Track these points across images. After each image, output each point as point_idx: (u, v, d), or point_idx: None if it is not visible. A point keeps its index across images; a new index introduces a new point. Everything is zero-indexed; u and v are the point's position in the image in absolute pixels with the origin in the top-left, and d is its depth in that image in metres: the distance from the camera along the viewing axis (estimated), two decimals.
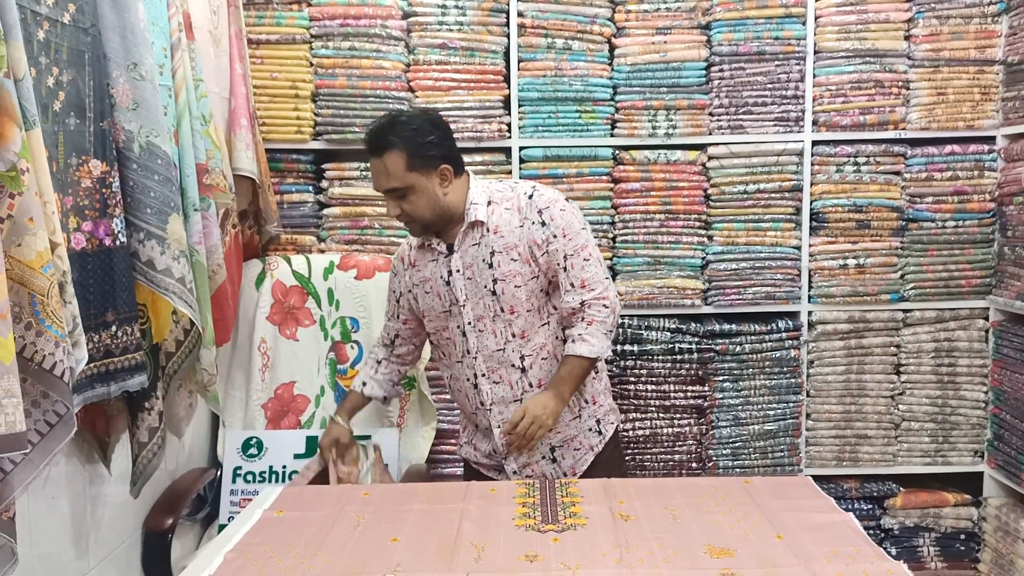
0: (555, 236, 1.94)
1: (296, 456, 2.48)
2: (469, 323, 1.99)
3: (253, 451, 2.49)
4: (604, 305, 1.96)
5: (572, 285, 1.96)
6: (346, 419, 2.20)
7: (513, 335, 1.98)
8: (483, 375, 2.01)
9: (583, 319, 1.96)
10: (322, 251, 2.87)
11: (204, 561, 1.44)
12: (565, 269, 1.95)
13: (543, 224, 1.94)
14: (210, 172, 2.12)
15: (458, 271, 1.98)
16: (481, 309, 1.98)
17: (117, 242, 1.68)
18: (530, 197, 1.97)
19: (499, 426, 2.02)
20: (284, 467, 2.48)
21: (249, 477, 2.47)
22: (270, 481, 2.46)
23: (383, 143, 1.88)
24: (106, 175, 1.63)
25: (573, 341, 1.95)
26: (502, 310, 1.96)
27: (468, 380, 2.04)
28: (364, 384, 2.23)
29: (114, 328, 1.68)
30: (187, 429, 2.20)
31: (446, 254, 2.00)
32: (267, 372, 2.67)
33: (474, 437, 2.15)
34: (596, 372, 2.09)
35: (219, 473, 2.49)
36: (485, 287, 1.96)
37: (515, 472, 2.05)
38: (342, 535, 1.53)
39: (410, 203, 1.91)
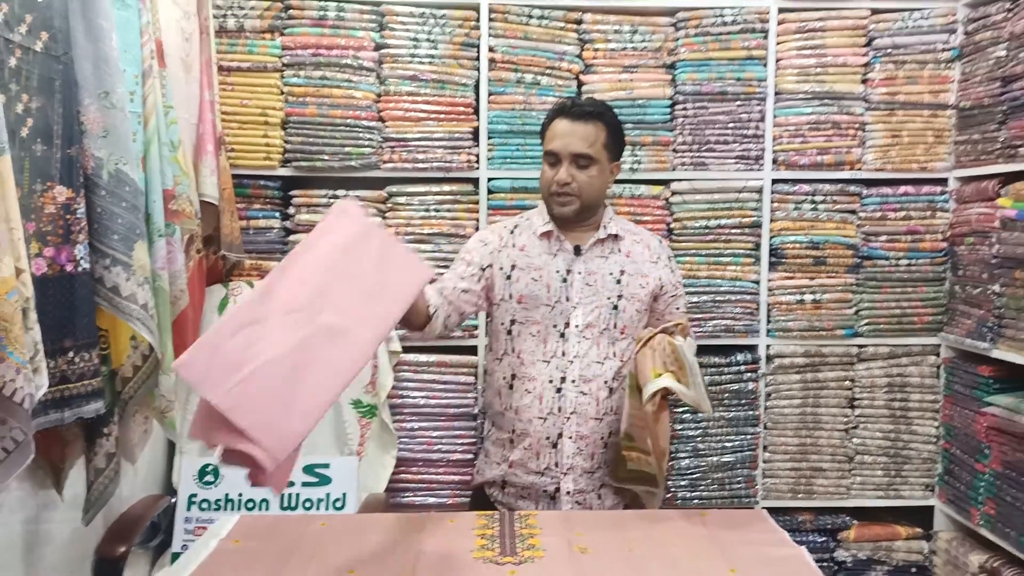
0: (679, 283, 2.13)
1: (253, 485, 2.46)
2: (577, 326, 1.98)
3: (209, 478, 2.46)
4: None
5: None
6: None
7: (614, 354, 2.00)
8: (573, 381, 1.98)
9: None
10: None
11: None
12: (683, 313, 2.12)
13: (672, 271, 2.09)
14: (177, 198, 2.12)
15: (580, 273, 2.00)
16: (594, 318, 1.99)
17: (79, 268, 1.67)
18: (660, 241, 2.13)
19: (571, 437, 1.98)
20: (240, 495, 2.46)
21: (204, 505, 2.44)
22: (226, 509, 2.43)
23: (594, 112, 1.98)
24: (71, 201, 1.63)
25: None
26: (615, 326, 1.99)
27: (551, 382, 1.98)
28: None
29: (71, 354, 1.67)
30: (141, 455, 2.17)
31: (571, 253, 2.02)
32: None
33: (525, 456, 2.01)
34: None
35: (174, 501, 2.46)
36: (608, 299, 1.99)
37: (568, 493, 2.00)
38: (298, 565, 1.53)
39: (588, 176, 1.96)
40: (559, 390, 1.98)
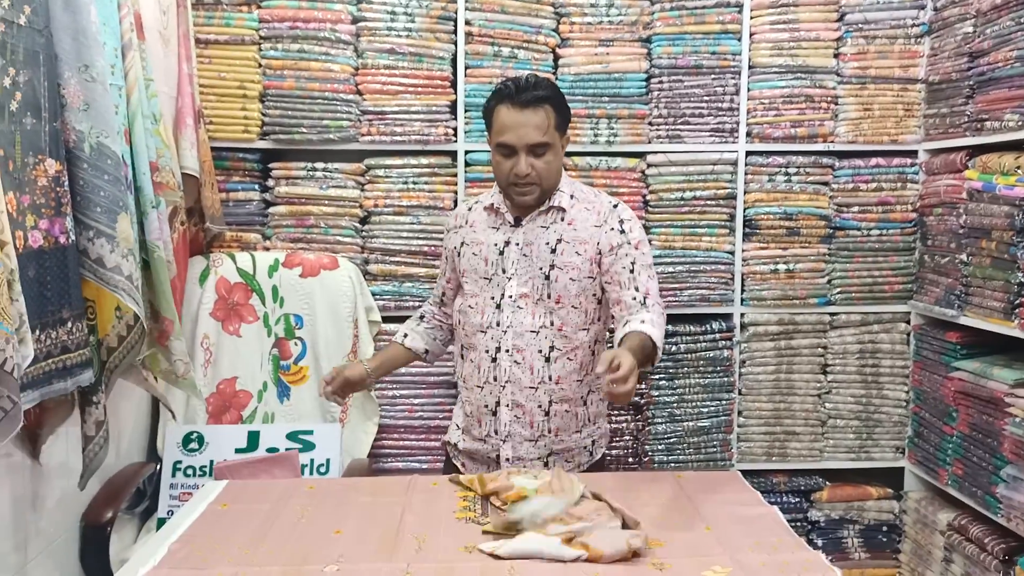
0: (629, 244, 1.96)
1: (237, 450, 2.50)
2: (510, 296, 1.97)
3: (194, 445, 2.50)
4: (662, 312, 1.93)
5: (636, 290, 1.93)
6: (372, 364, 2.14)
7: (552, 323, 1.97)
8: (507, 351, 1.98)
9: (646, 310, 1.89)
10: (267, 249, 2.89)
11: (149, 551, 1.47)
12: (633, 274, 1.94)
13: (622, 232, 1.97)
14: (160, 170, 2.14)
15: (516, 244, 1.99)
16: (528, 288, 1.97)
17: (70, 240, 1.70)
18: (615, 207, 2.02)
19: (508, 405, 1.99)
20: (225, 461, 2.49)
21: (189, 471, 2.47)
22: (210, 475, 2.46)
23: (541, 96, 1.89)
24: (60, 174, 1.65)
25: (642, 322, 1.84)
26: (549, 296, 1.96)
27: (487, 352, 1.99)
28: (405, 336, 2.21)
29: (69, 324, 1.70)
30: (127, 422, 2.20)
31: (512, 225, 2.01)
32: (209, 367, 2.69)
33: (470, 422, 2.07)
34: (603, 396, 2.06)
35: (159, 467, 2.49)
36: (540, 269, 1.96)
37: (508, 460, 2.01)
38: (286, 527, 1.58)
39: (546, 162, 1.91)
40: (494, 359, 2.00)
